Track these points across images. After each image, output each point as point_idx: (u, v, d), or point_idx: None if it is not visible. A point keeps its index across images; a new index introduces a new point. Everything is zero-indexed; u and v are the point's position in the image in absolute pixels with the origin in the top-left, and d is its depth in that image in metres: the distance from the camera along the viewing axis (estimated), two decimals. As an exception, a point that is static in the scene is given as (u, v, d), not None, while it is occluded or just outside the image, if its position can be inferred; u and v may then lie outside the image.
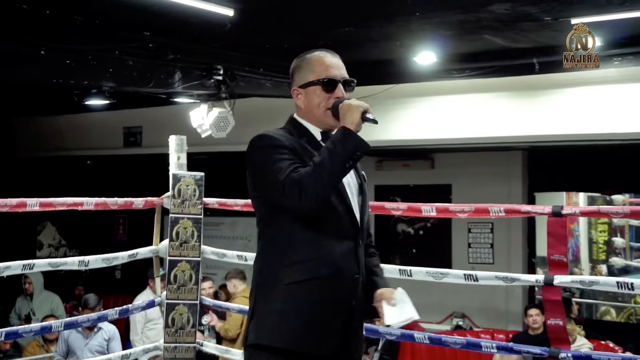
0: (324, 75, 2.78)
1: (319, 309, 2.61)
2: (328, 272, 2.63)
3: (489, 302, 9.40)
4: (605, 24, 5.89)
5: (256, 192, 2.76)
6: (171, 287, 4.96)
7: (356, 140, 2.60)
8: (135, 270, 7.73)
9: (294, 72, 2.87)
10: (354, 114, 2.63)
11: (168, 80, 6.81)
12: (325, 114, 2.78)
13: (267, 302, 2.64)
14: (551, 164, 9.14)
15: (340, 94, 2.78)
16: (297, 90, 2.84)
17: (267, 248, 2.73)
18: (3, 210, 4.05)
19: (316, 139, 2.80)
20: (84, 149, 11.36)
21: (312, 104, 2.79)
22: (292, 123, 2.84)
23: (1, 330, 4.32)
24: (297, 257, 2.63)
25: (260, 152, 2.68)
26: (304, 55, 2.88)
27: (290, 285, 2.61)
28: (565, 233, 3.97)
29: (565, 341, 3.97)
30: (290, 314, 2.59)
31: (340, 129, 2.62)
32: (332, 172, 2.55)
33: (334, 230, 2.68)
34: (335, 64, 2.83)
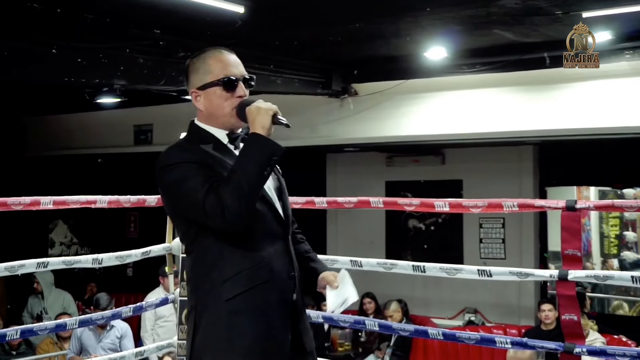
0: (222, 75, 2.63)
1: (266, 314, 2.55)
2: (265, 277, 2.56)
3: (501, 297, 9.38)
4: (617, 17, 5.87)
5: (174, 213, 2.64)
6: (184, 285, 4.96)
7: (271, 146, 2.49)
8: (146, 268, 7.75)
9: (189, 73, 2.72)
10: (264, 117, 2.51)
11: (179, 77, 6.82)
12: (230, 114, 2.64)
13: (210, 320, 2.54)
14: (562, 158, 9.11)
15: (241, 93, 2.65)
16: (195, 92, 2.67)
17: (199, 266, 2.59)
18: (17, 208, 4.05)
19: (223, 144, 2.67)
20: (94, 147, 11.38)
21: (214, 105, 2.65)
22: (195, 130, 2.70)
23: (16, 328, 4.32)
24: (232, 271, 2.53)
25: (170, 172, 2.55)
26: (197, 54, 2.72)
27: (231, 299, 2.52)
28: (579, 227, 3.95)
29: (579, 336, 3.95)
30: (238, 328, 2.51)
31: (251, 135, 2.51)
32: (251, 184, 2.45)
33: (263, 235, 2.60)
34: (233, 61, 2.69)
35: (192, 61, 2.72)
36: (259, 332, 2.53)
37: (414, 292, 9.36)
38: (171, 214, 2.68)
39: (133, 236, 12.78)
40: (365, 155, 10.13)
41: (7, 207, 4.01)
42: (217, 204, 2.41)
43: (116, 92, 7.53)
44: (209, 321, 2.54)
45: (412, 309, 8.98)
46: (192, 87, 2.69)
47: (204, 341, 2.54)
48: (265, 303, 2.55)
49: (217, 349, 2.52)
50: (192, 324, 2.59)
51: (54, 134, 11.71)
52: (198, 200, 2.44)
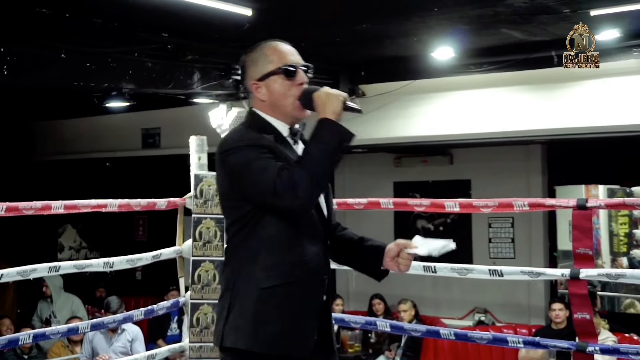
0: (281, 63, 2.66)
1: (296, 312, 2.58)
2: (303, 275, 2.59)
3: (511, 297, 9.36)
4: (625, 15, 5.86)
5: (235, 195, 2.61)
6: (195, 287, 4.98)
7: (342, 131, 2.52)
8: (155, 272, 7.76)
9: (246, 67, 2.73)
10: (335, 102, 2.54)
11: (187, 81, 6.84)
12: (293, 104, 2.66)
13: (243, 305, 2.58)
14: (570, 157, 9.09)
15: (302, 80, 2.67)
16: (255, 83, 2.68)
17: (242, 252, 2.62)
18: (28, 213, 4.08)
19: (283, 137, 2.68)
20: (102, 151, 11.39)
21: (277, 94, 2.66)
22: (256, 119, 2.71)
23: (29, 333, 4.36)
24: (273, 262, 2.57)
25: (238, 152, 2.55)
26: (255, 47, 2.74)
27: (267, 289, 2.55)
28: (590, 226, 3.95)
29: (592, 335, 3.96)
30: (267, 318, 2.55)
31: (322, 120, 2.53)
32: (324, 167, 2.49)
33: (307, 233, 2.63)
34: (290, 50, 2.72)
35: (248, 55, 2.74)
36: (286, 326, 2.56)
37: (423, 292, 9.34)
38: (231, 195, 2.64)
39: (142, 240, 12.78)
40: (373, 156, 10.12)
41: (19, 212, 4.03)
42: (289, 183, 2.43)
43: (124, 96, 7.56)
44: (240, 305, 2.58)
45: (421, 309, 8.96)
46: (251, 79, 2.70)
47: (232, 323, 2.58)
48: (296, 300, 2.58)
49: (242, 333, 2.55)
50: (225, 304, 2.62)
51: (63, 138, 11.73)
52: (269, 178, 2.45)
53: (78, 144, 11.52)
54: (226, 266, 2.72)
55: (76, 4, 5.60)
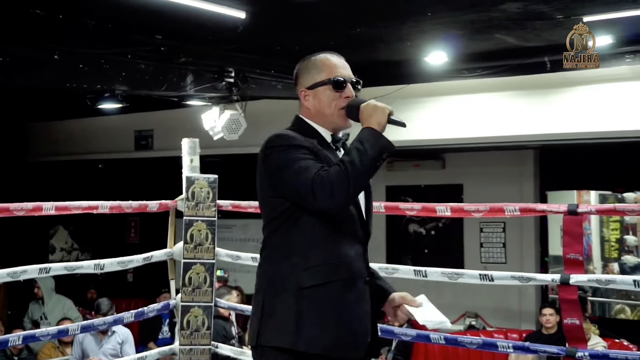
0: (333, 75, 2.75)
1: (342, 312, 2.59)
2: (345, 275, 2.61)
3: (502, 301, 9.38)
4: (617, 22, 5.87)
5: (275, 192, 2.66)
6: (186, 290, 4.97)
7: (385, 141, 2.57)
8: (147, 274, 7.74)
9: (299, 74, 2.84)
10: (381, 115, 2.60)
11: (180, 83, 6.83)
12: (338, 114, 2.74)
13: (283, 304, 2.58)
14: (562, 162, 9.12)
15: (350, 94, 2.75)
16: (305, 91, 2.80)
17: (281, 250, 2.65)
18: (19, 214, 4.07)
19: (327, 141, 2.76)
20: (95, 153, 11.39)
21: (323, 104, 2.75)
22: (301, 123, 2.80)
23: (19, 334, 4.34)
24: (316, 261, 2.59)
25: (280, 151, 2.62)
26: (309, 57, 2.84)
27: (309, 288, 2.57)
28: (581, 231, 3.96)
29: (582, 340, 3.96)
30: (312, 317, 2.55)
31: (366, 129, 2.59)
32: (362, 172, 2.53)
33: (347, 234, 2.66)
34: (342, 64, 2.81)
35: (302, 63, 2.84)
36: (331, 327, 2.57)
37: (414, 296, 9.33)
38: (270, 193, 2.68)
39: (134, 242, 12.78)
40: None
41: (10, 213, 4.03)
42: (326, 184, 2.49)
43: (117, 98, 7.55)
44: (280, 304, 2.59)
45: (412, 313, 8.96)
46: (301, 86, 2.81)
47: (270, 321, 2.60)
48: (340, 301, 2.60)
49: (284, 332, 2.56)
50: (260, 302, 2.64)
51: (56, 139, 11.71)
52: (308, 177, 2.52)
53: (71, 145, 11.51)
54: (263, 262, 2.74)
55: (70, 6, 5.58)
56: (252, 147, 9.99)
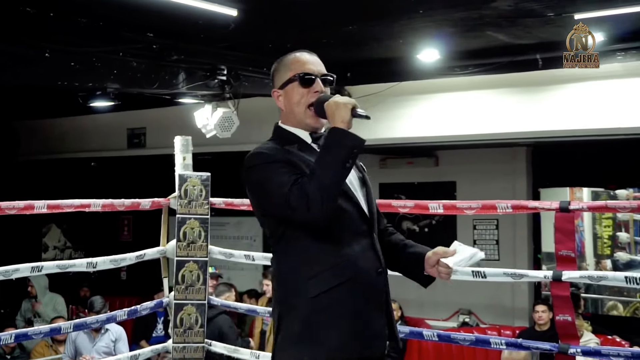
0: (300, 71, 2.70)
1: (355, 311, 2.55)
2: (352, 274, 2.56)
3: (495, 298, 9.40)
4: (608, 19, 5.89)
5: (261, 211, 2.69)
6: (179, 287, 4.97)
7: (351, 139, 2.51)
8: (140, 272, 7.74)
9: (273, 76, 2.80)
10: (343, 111, 2.53)
11: (172, 81, 6.82)
12: (306, 112, 2.70)
13: (293, 317, 2.57)
14: (555, 159, 9.14)
15: (319, 88, 2.70)
16: (277, 92, 2.77)
17: (285, 263, 2.64)
18: (11, 212, 4.06)
19: (307, 144, 2.71)
20: (87, 151, 11.37)
21: (292, 102, 2.71)
22: (279, 132, 2.76)
23: (11, 333, 4.33)
24: (318, 267, 2.55)
25: (256, 171, 2.60)
26: (281, 58, 2.81)
27: (316, 297, 2.54)
28: (572, 228, 3.97)
29: (574, 337, 3.97)
30: (326, 324, 2.52)
31: (332, 129, 2.54)
32: (333, 176, 2.48)
33: (347, 231, 2.61)
34: (312, 60, 2.76)
35: (275, 65, 2.81)
36: (346, 330, 2.53)
37: (408, 293, 9.29)
38: (259, 213, 2.71)
39: (127, 240, 12.76)
40: (358, 158, 10.12)
41: (1, 212, 4.01)
42: (300, 197, 2.45)
43: (109, 96, 7.54)
44: (292, 318, 2.57)
45: (406, 310, 8.98)
46: (274, 87, 2.79)
47: (286, 337, 2.58)
48: (352, 301, 2.56)
49: (303, 344, 2.53)
50: (276, 320, 2.65)
51: (47, 137, 11.69)
52: (283, 194, 2.48)
53: (63, 143, 11.49)
54: (273, 281, 2.75)
55: (61, 3, 5.57)
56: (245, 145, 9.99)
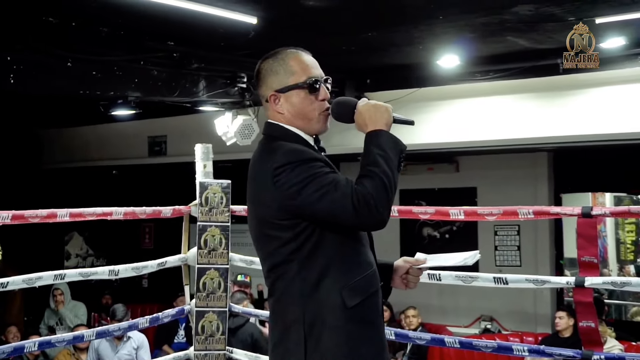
0: (305, 77, 2.53)
1: (377, 324, 2.49)
2: (377, 285, 2.51)
3: (517, 304, 9.34)
4: (630, 23, 5.86)
5: (291, 214, 2.39)
6: (200, 295, 4.98)
7: (401, 144, 2.43)
8: (162, 279, 7.78)
9: (265, 75, 2.58)
10: (386, 114, 2.45)
11: (193, 89, 6.86)
12: (318, 118, 2.54)
13: (330, 331, 2.37)
14: (577, 164, 9.08)
15: (325, 95, 2.55)
16: (275, 95, 2.54)
17: (305, 276, 2.40)
18: (34, 221, 4.09)
19: (313, 147, 2.56)
20: (109, 159, 11.44)
21: (298, 109, 2.52)
22: (282, 130, 2.54)
23: (34, 340, 4.36)
24: (351, 278, 2.41)
25: (295, 169, 2.36)
26: (274, 55, 2.60)
27: (354, 307, 2.39)
28: (595, 234, 3.94)
29: (597, 343, 3.94)
30: (363, 337, 2.41)
31: (380, 133, 2.42)
32: (394, 180, 2.36)
33: (364, 242, 2.53)
34: (313, 62, 2.59)
35: (267, 62, 2.60)
36: (378, 341, 2.48)
37: (429, 300, 9.33)
38: (281, 218, 2.41)
39: (148, 247, 12.81)
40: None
41: (25, 220, 4.04)
42: (369, 200, 2.29)
43: (130, 104, 7.58)
44: (326, 332, 2.38)
45: (428, 317, 8.95)
46: (269, 89, 2.56)
47: (322, 354, 2.38)
48: (377, 312, 2.50)
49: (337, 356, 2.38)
50: (299, 338, 2.40)
51: (70, 146, 11.78)
52: (346, 194, 2.31)
53: (85, 151, 11.57)
54: (282, 298, 2.47)
55: (83, 13, 5.62)
56: (265, 152, 9.77)
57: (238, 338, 6.95)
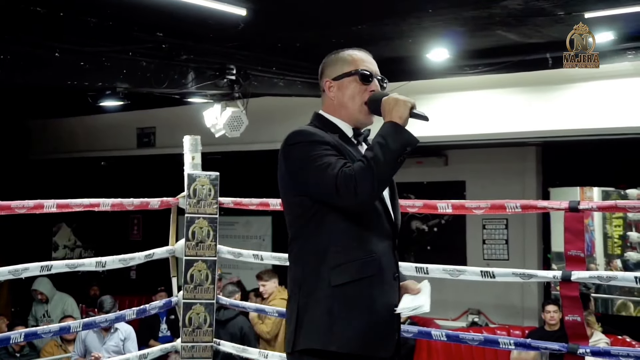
0: (361, 67, 2.73)
1: (372, 310, 2.55)
2: (374, 271, 2.57)
3: (504, 298, 9.38)
4: (619, 18, 5.87)
5: (297, 190, 2.61)
6: (188, 287, 4.98)
7: (407, 136, 2.53)
8: (150, 271, 7.76)
9: (325, 67, 2.81)
10: (402, 108, 2.56)
11: (182, 80, 6.83)
12: (360, 107, 2.72)
13: (315, 304, 2.54)
14: (565, 159, 9.11)
15: (375, 88, 2.73)
16: (329, 82, 2.76)
17: (308, 250, 2.60)
18: (20, 211, 4.07)
19: (348, 136, 2.72)
20: (97, 150, 11.41)
21: (346, 96, 2.73)
22: (320, 120, 2.76)
23: (20, 332, 4.35)
24: (344, 259, 2.54)
25: (301, 148, 2.57)
26: (337, 51, 2.84)
27: (339, 287, 2.52)
28: (582, 228, 3.95)
29: (583, 337, 3.95)
30: (342, 316, 2.51)
31: (388, 123, 2.55)
32: (386, 167, 2.49)
33: (374, 230, 2.61)
34: (370, 60, 2.80)
35: (329, 57, 2.83)
36: (361, 325, 2.52)
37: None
38: (292, 191, 2.64)
39: (136, 239, 12.80)
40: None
41: (11, 211, 4.03)
42: (350, 181, 2.44)
43: (119, 95, 7.55)
44: (311, 305, 2.54)
45: (415, 310, 8.96)
46: (326, 77, 2.78)
47: (304, 324, 2.55)
48: (370, 298, 2.55)
49: (317, 333, 2.52)
50: (294, 307, 2.59)
51: (58, 137, 11.73)
52: (332, 175, 2.47)
53: (73, 142, 11.53)
54: (292, 266, 2.68)
55: (71, 3, 5.59)
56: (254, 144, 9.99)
57: (227, 331, 6.97)
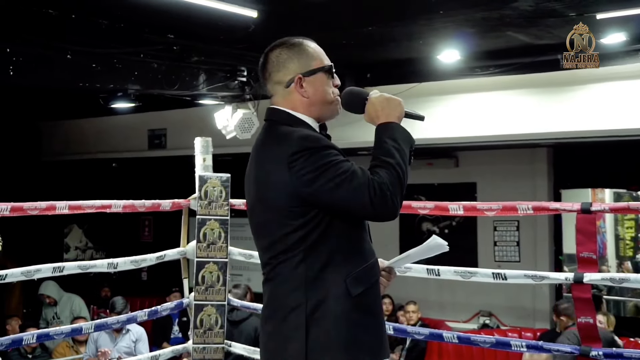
0: (325, 61, 2.58)
1: (378, 312, 2.51)
2: (377, 275, 2.53)
3: (515, 300, 9.35)
4: (631, 19, 5.85)
5: (303, 201, 2.39)
6: (199, 289, 4.98)
7: (410, 136, 2.46)
8: (161, 272, 7.78)
9: (285, 60, 2.56)
10: (399, 108, 2.49)
11: (193, 82, 6.86)
12: (335, 103, 2.58)
13: (332, 319, 2.37)
14: (576, 160, 9.08)
15: (338, 82, 2.61)
16: (301, 78, 2.53)
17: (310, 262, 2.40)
18: (33, 213, 4.09)
19: (320, 133, 2.57)
20: (109, 152, 11.43)
21: (319, 92, 2.54)
22: (291, 117, 2.53)
23: (33, 333, 4.37)
24: (355, 266, 2.43)
25: (310, 156, 2.36)
26: (285, 43, 2.61)
27: (359, 296, 2.41)
28: (594, 230, 3.94)
29: (595, 339, 3.94)
30: (365, 325, 2.42)
31: (394, 125, 2.45)
32: (407, 173, 2.41)
33: (366, 231, 2.54)
34: (323, 51, 2.63)
35: (281, 49, 2.60)
36: (378, 330, 2.49)
37: (428, 295, 9.34)
38: (293, 203, 2.40)
39: (147, 240, 12.82)
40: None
41: (23, 212, 4.04)
42: (385, 190, 2.32)
43: (130, 97, 7.57)
44: (328, 318, 2.38)
45: (426, 312, 8.95)
46: (292, 73, 2.54)
47: (319, 342, 2.37)
48: (378, 301, 2.52)
49: (340, 347, 2.38)
50: (300, 323, 2.38)
51: (69, 138, 11.77)
52: (362, 184, 2.32)
53: (84, 144, 11.56)
54: (284, 283, 2.46)
55: (82, 5, 5.61)
56: (265, 146, 9.76)
57: (242, 331, 6.95)
